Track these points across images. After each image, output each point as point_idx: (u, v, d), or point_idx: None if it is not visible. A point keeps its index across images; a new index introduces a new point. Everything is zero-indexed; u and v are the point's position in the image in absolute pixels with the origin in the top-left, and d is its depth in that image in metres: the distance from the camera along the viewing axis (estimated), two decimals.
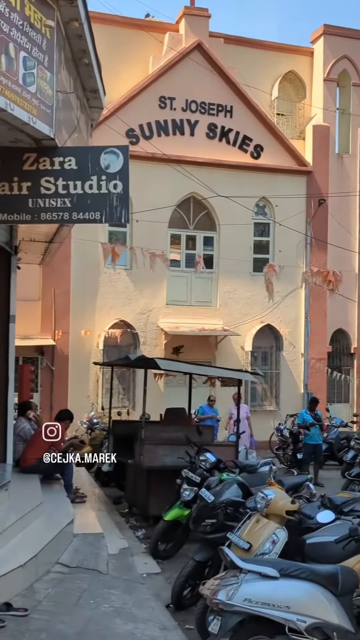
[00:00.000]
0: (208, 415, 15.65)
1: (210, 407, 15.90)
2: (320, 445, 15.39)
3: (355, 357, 21.28)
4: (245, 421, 15.19)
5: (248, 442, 15.29)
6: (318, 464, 15.32)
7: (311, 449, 15.08)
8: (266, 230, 20.44)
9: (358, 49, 21.33)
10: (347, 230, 20.70)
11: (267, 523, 6.53)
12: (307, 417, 15.24)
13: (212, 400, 16.00)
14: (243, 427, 14.82)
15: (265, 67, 20.63)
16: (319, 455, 15.30)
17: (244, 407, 15.62)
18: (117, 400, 18.30)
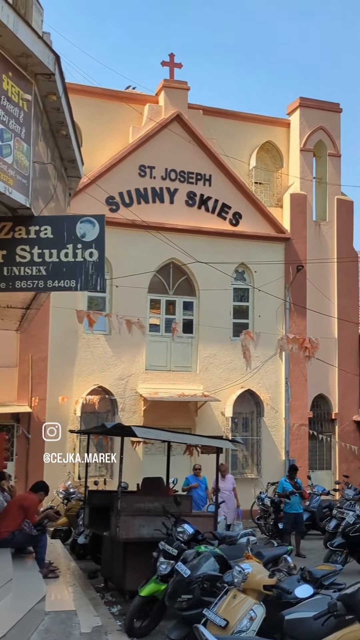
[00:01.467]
0: (192, 485, 15.26)
1: (197, 476, 15.53)
2: (301, 515, 15.10)
3: (336, 423, 21.16)
4: (231, 492, 15.00)
5: (234, 514, 15.01)
6: (299, 534, 15.00)
7: (292, 519, 14.79)
8: (245, 295, 20.59)
9: (333, 121, 22.00)
10: (325, 297, 20.89)
11: (244, 598, 6.34)
12: (287, 485, 15.00)
13: (198, 469, 15.60)
14: (230, 498, 14.79)
15: (243, 137, 21.18)
16: (300, 524, 15.00)
17: (229, 477, 15.47)
18: (95, 469, 17.95)
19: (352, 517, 12.90)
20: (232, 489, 15.12)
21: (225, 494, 14.74)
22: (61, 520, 15.08)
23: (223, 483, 14.85)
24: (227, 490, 14.89)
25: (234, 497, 15.06)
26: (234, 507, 15.00)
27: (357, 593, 5.94)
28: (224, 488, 14.84)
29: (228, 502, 14.67)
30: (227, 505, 14.61)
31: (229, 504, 14.74)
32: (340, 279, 21.43)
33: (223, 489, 14.72)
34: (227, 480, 15.21)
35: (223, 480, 14.92)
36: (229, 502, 14.70)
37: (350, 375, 21.01)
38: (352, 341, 21.38)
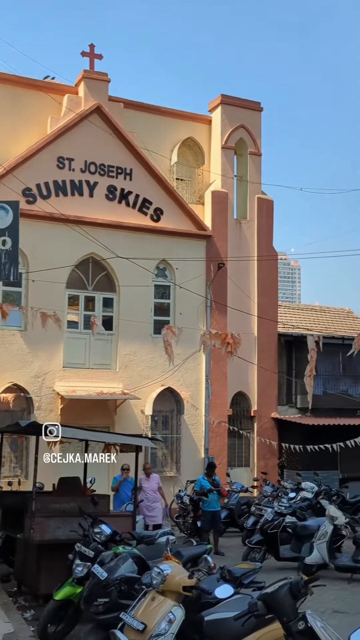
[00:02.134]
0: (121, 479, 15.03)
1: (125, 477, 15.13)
2: (219, 512, 15.04)
3: (255, 420, 21.24)
4: (157, 492, 14.86)
5: (162, 514, 14.94)
6: (217, 532, 14.93)
7: (209, 517, 14.71)
8: (167, 292, 20.37)
9: (254, 119, 22.07)
10: (245, 295, 20.94)
11: (163, 600, 6.12)
12: (205, 483, 14.92)
13: (126, 469, 15.04)
14: (155, 499, 14.72)
15: (165, 132, 20.97)
16: (218, 522, 14.93)
17: (154, 477, 15.26)
18: (9, 469, 17.32)
19: (270, 514, 12.95)
20: (158, 488, 14.95)
21: (150, 494, 14.65)
22: None
23: (148, 483, 14.79)
24: (151, 490, 14.74)
25: (160, 497, 14.93)
26: (160, 507, 14.87)
27: (278, 592, 5.82)
28: (149, 488, 14.73)
29: (154, 502, 14.60)
30: (153, 506, 14.56)
31: (155, 504, 14.65)
32: (260, 277, 21.54)
33: (147, 489, 14.68)
34: (152, 479, 15.01)
35: (148, 480, 14.85)
36: (154, 503, 14.63)
37: (269, 373, 21.14)
38: (271, 339, 21.51)
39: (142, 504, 14.32)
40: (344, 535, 12.96)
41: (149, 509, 14.51)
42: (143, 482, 14.77)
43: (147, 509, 14.45)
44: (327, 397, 22.10)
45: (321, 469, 19.84)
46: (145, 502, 14.49)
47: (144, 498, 14.50)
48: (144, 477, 14.94)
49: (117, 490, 14.93)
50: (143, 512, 14.26)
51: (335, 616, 9.49)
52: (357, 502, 17.86)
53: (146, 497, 14.62)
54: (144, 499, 14.47)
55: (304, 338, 12.90)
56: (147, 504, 14.51)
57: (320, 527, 12.59)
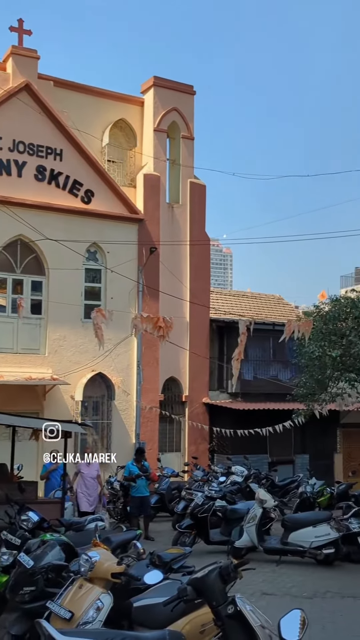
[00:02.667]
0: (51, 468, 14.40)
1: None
2: (148, 498, 14.95)
3: (186, 405, 21.25)
4: (95, 480, 14.39)
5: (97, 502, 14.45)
6: (147, 517, 14.85)
7: (138, 502, 14.60)
8: (98, 276, 20.06)
9: (187, 103, 21.91)
10: (178, 279, 20.84)
11: (91, 588, 5.96)
12: (133, 468, 14.79)
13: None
14: (93, 486, 14.24)
15: (96, 113, 20.58)
16: (147, 508, 14.84)
17: (94, 463, 14.63)
18: None
19: (200, 498, 12.93)
20: (97, 476, 14.50)
21: (89, 481, 14.23)
22: None
23: (88, 469, 14.33)
24: (90, 477, 14.30)
25: (97, 484, 14.48)
26: (97, 496, 14.44)
27: (207, 577, 5.74)
28: (88, 474, 14.28)
29: (91, 489, 14.19)
30: (90, 493, 14.15)
31: (92, 491, 14.23)
32: (192, 262, 21.49)
33: (87, 476, 14.23)
34: (92, 466, 14.48)
35: (88, 466, 14.37)
36: (91, 490, 14.21)
37: (201, 358, 21.16)
38: (203, 324, 21.52)
39: (80, 490, 14.05)
40: (273, 518, 13.08)
41: (86, 495, 14.16)
42: (82, 468, 14.34)
43: (84, 495, 14.12)
44: (257, 382, 22.30)
45: (251, 453, 20.03)
46: (82, 487, 14.14)
47: (81, 484, 14.16)
48: (84, 463, 14.44)
49: (47, 478, 14.48)
50: (79, 497, 13.97)
51: (264, 598, 9.55)
52: (286, 485, 18.13)
53: (84, 484, 14.23)
54: (80, 485, 14.14)
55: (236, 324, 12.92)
56: (84, 490, 14.16)
57: (249, 510, 12.65)
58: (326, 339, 13.99)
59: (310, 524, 12.22)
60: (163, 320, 11.83)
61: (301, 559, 12.19)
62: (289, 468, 21.68)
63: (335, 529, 12.03)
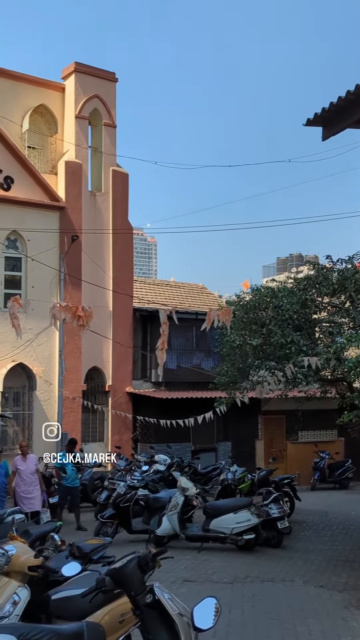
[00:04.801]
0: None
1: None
2: (77, 488, 14.86)
3: (109, 395, 21.16)
4: (35, 475, 13.38)
5: (40, 501, 13.39)
6: (77, 508, 14.75)
7: (66, 492, 14.49)
8: (18, 265, 19.67)
9: (108, 90, 21.69)
10: (100, 268, 20.68)
11: (7, 582, 5.88)
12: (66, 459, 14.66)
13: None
14: (33, 482, 13.23)
15: (15, 98, 20.13)
16: (75, 498, 14.75)
17: (31, 457, 13.63)
18: None
19: (122, 488, 12.94)
20: (35, 470, 13.50)
21: (28, 477, 13.16)
22: None
23: (24, 464, 13.29)
24: (29, 473, 13.25)
25: (37, 480, 13.38)
26: (39, 493, 13.34)
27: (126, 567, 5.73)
28: (26, 470, 13.24)
29: (31, 485, 13.11)
30: (30, 490, 13.07)
31: (32, 487, 13.16)
32: (116, 251, 21.37)
33: (24, 471, 13.19)
34: (29, 460, 13.45)
35: (24, 460, 13.36)
36: (31, 486, 13.13)
37: (124, 348, 21.10)
38: (126, 314, 21.46)
39: (18, 489, 13.03)
40: (195, 506, 13.21)
41: (26, 493, 13.04)
42: (18, 464, 13.30)
43: (25, 493, 13.02)
44: (180, 371, 22.41)
45: (174, 442, 20.17)
46: (22, 486, 13.07)
47: (19, 482, 13.09)
48: (20, 458, 13.43)
49: None
50: (19, 498, 12.93)
51: (185, 585, 9.64)
52: (209, 473, 18.35)
53: (23, 481, 13.12)
54: (19, 483, 13.08)
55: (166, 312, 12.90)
56: (24, 489, 13.07)
57: (171, 498, 12.74)
58: (247, 328, 14.14)
59: (231, 510, 12.41)
60: (82, 310, 11.67)
61: (222, 545, 12.37)
62: (212, 455, 21.91)
63: (256, 515, 12.25)
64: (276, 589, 9.70)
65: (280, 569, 10.97)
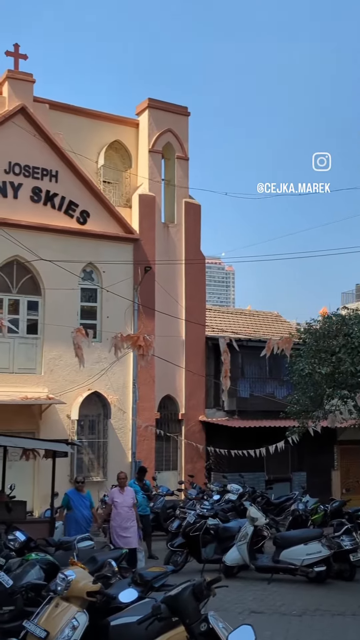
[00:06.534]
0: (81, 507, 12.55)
1: (79, 490, 12.85)
2: (148, 516, 14.94)
3: (183, 424, 21.30)
4: (132, 509, 12.53)
5: (137, 536, 12.57)
6: (149, 536, 14.82)
7: None
8: (93, 296, 20.22)
9: (181, 124, 22.19)
10: (173, 298, 20.98)
11: (67, 607, 6.03)
12: (136, 487, 14.77)
13: (80, 482, 12.95)
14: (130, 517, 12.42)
15: (91, 135, 20.85)
16: (147, 526, 14.83)
17: (128, 490, 12.81)
18: None
19: (192, 517, 12.95)
20: (132, 504, 12.64)
21: (124, 511, 12.37)
22: None
23: (121, 497, 12.50)
24: (126, 507, 12.43)
25: (134, 515, 12.57)
26: (134, 529, 12.44)
27: (181, 594, 5.81)
28: (122, 503, 12.43)
29: (128, 521, 12.32)
30: (127, 525, 12.28)
31: (130, 523, 12.35)
32: (188, 281, 21.64)
33: (121, 504, 12.41)
34: (127, 493, 12.65)
35: (122, 493, 12.57)
36: (129, 522, 12.33)
37: (197, 376, 21.23)
38: (199, 343, 21.61)
39: (114, 523, 12.26)
40: (265, 536, 13.06)
41: (123, 530, 12.20)
42: (115, 496, 12.53)
43: (120, 529, 12.19)
44: (253, 400, 22.33)
45: (248, 471, 20.05)
46: (118, 520, 12.26)
47: (115, 516, 12.30)
48: (117, 490, 12.68)
49: (69, 508, 12.63)
50: (115, 533, 12.17)
51: (252, 616, 9.57)
52: (282, 503, 18.12)
53: (119, 515, 12.30)
54: (115, 517, 12.30)
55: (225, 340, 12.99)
56: (119, 523, 12.23)
57: (241, 528, 12.69)
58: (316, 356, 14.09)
59: (302, 541, 12.24)
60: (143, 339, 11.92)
61: (293, 577, 12.20)
62: (287, 486, 21.66)
63: (327, 547, 12.04)
64: (346, 623, 9.52)
65: (351, 602, 10.73)
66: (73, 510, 12.45)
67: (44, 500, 17.18)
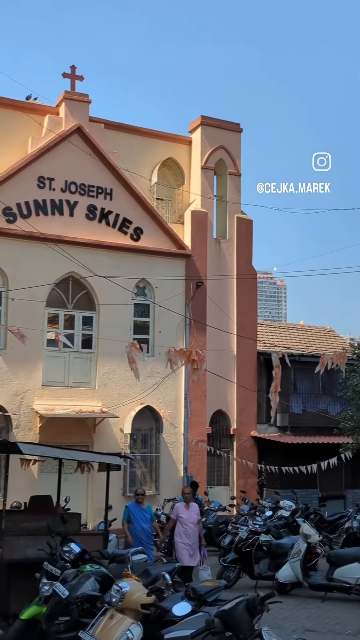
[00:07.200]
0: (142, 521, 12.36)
1: (139, 503, 12.60)
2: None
3: (234, 439, 21.29)
4: (196, 526, 12.15)
5: (199, 554, 12.16)
6: None
7: None
8: (146, 311, 20.48)
9: (233, 140, 22.36)
10: (225, 313, 21.07)
11: (121, 618, 6.15)
12: None
13: (141, 495, 12.72)
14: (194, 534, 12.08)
15: (145, 153, 21.19)
16: None
17: (193, 506, 12.41)
18: None
19: (244, 532, 12.97)
20: (197, 520, 12.26)
21: (190, 528, 12.01)
22: None
23: (187, 513, 12.12)
24: (191, 522, 12.04)
25: (197, 532, 12.17)
26: (197, 546, 12.10)
27: (234, 609, 5.87)
28: (188, 519, 12.05)
29: (193, 538, 11.97)
30: (190, 543, 11.93)
31: (194, 540, 12.00)
32: (240, 296, 21.70)
33: (186, 520, 12.03)
34: (192, 509, 12.24)
35: (187, 509, 12.18)
36: (193, 539, 11.98)
37: (249, 392, 21.22)
38: (250, 358, 21.62)
39: (178, 539, 11.94)
40: (319, 554, 12.96)
41: (187, 546, 11.89)
42: (180, 512, 12.14)
43: (185, 545, 11.86)
44: (306, 416, 22.19)
45: (300, 488, 19.89)
46: (182, 537, 11.92)
47: (180, 532, 11.96)
48: (182, 505, 12.26)
49: (129, 521, 12.36)
50: (180, 549, 11.85)
51: (306, 634, 9.51)
52: (335, 521, 17.90)
53: (184, 531, 11.94)
54: (180, 533, 11.96)
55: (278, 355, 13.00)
56: (184, 540, 11.88)
57: (294, 545, 12.62)
58: None
59: (356, 559, 12.05)
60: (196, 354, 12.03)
61: (347, 595, 12.05)
62: (340, 503, 21.40)
63: None
64: None
65: None
66: (133, 524, 12.30)
67: (97, 512, 17.43)
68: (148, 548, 12.12)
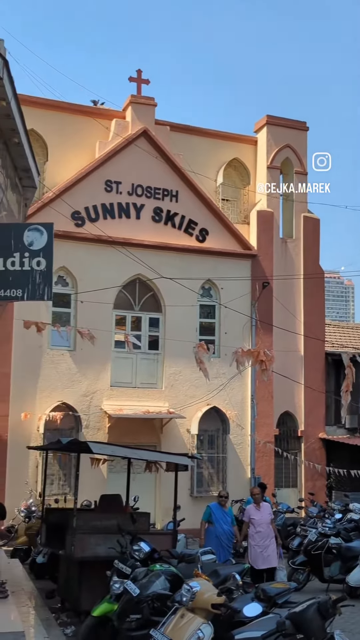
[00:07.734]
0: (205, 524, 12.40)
1: (222, 505, 12.62)
2: None
3: (302, 441, 21.08)
4: (269, 526, 11.98)
5: (275, 554, 11.94)
6: None
7: None
8: (212, 312, 20.51)
9: (300, 139, 22.16)
10: (291, 314, 20.89)
11: (192, 618, 6.19)
12: None
13: (223, 497, 12.74)
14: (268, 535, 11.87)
15: (210, 154, 21.22)
16: None
17: (265, 506, 12.28)
18: (58, 486, 17.66)
19: (314, 535, 12.85)
20: (270, 520, 12.11)
21: (263, 529, 11.85)
22: (21, 539, 14.78)
23: (259, 514, 12.00)
24: (264, 524, 11.91)
25: (272, 532, 12.00)
26: (274, 546, 11.89)
27: (306, 612, 5.84)
28: (260, 520, 11.93)
29: (267, 539, 11.79)
30: (266, 544, 11.75)
31: (269, 541, 11.80)
32: (307, 296, 21.48)
33: (259, 521, 11.91)
34: (263, 509, 12.11)
35: (259, 510, 12.07)
36: (267, 539, 11.79)
37: (316, 393, 20.98)
38: (318, 358, 21.37)
39: (252, 542, 11.80)
40: None
41: (262, 548, 11.69)
42: (252, 513, 12.05)
43: (259, 548, 11.70)
44: None
45: None
46: (256, 539, 11.76)
47: (253, 534, 11.83)
48: (253, 507, 12.15)
49: (210, 522, 12.38)
50: (254, 552, 11.71)
51: None
52: None
53: (258, 533, 11.78)
54: (253, 535, 11.82)
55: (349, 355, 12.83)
56: (259, 542, 11.72)
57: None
58: None
59: None
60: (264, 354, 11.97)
61: None
62: None
63: None
64: None
65: None
66: (214, 525, 12.30)
67: (165, 512, 17.60)
68: (228, 551, 12.17)
